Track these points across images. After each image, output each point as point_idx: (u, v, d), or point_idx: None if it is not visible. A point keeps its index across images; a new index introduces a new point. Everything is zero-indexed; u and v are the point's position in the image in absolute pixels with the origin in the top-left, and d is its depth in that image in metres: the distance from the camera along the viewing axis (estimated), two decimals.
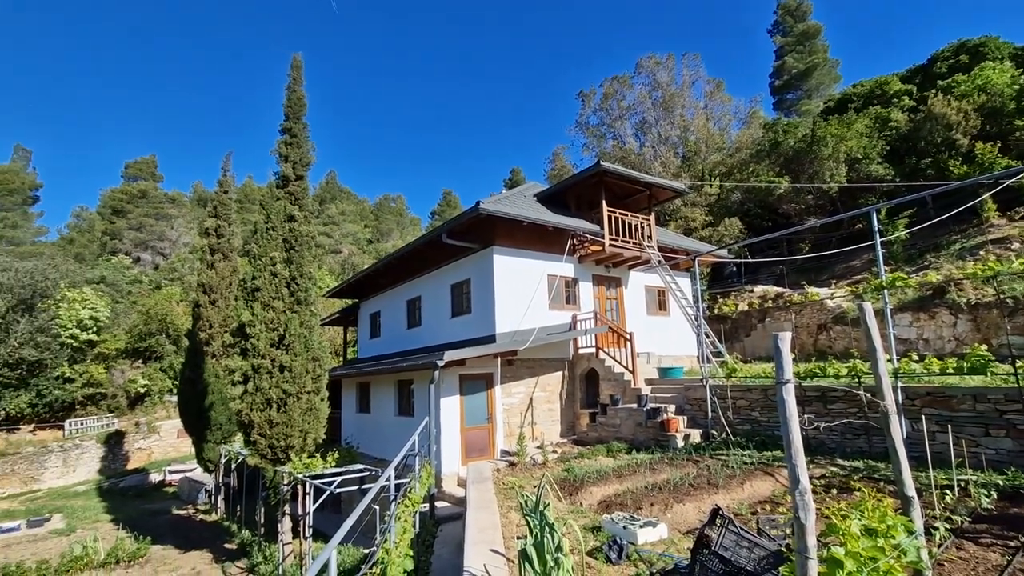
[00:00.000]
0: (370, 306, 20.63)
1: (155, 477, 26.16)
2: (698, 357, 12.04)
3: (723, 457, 8.75)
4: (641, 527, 5.75)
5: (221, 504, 18.20)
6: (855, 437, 8.48)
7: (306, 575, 3.08)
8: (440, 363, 10.21)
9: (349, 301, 23.45)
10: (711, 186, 28.70)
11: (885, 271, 8.35)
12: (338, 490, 10.70)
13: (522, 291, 13.43)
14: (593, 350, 13.64)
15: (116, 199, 56.59)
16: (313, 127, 12.20)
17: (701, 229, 27.09)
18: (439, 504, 10.54)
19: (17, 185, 54.01)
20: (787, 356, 2.73)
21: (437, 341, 14.94)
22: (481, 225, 13.05)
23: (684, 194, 22.71)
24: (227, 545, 14.12)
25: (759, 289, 21.30)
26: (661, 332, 16.36)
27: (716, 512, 3.76)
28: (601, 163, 14.28)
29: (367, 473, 11.75)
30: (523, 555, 4.13)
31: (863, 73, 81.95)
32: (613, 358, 13.10)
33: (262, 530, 13.70)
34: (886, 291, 8.15)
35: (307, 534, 10.67)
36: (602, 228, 14.35)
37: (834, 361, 8.91)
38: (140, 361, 34.47)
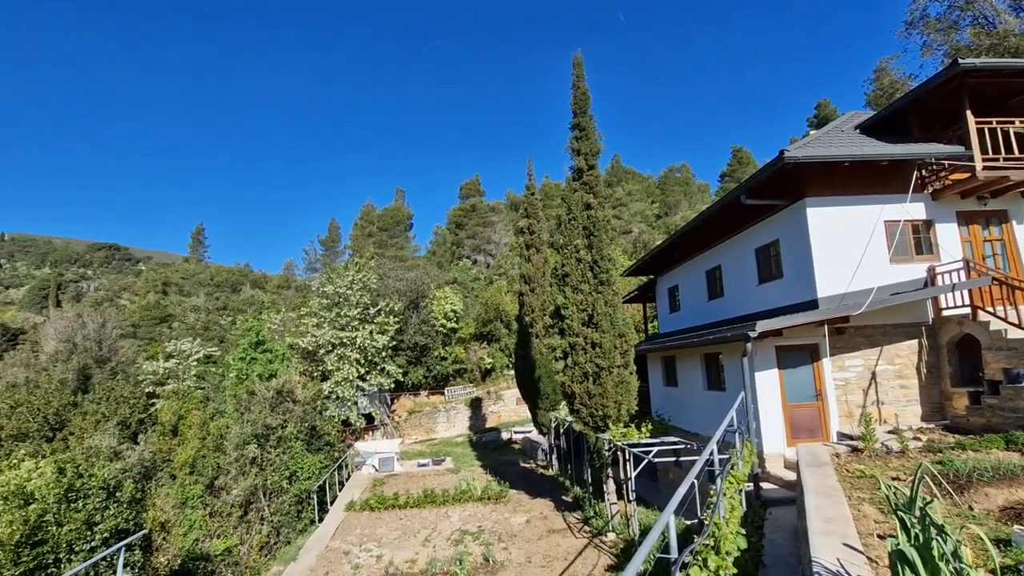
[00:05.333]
0: (667, 281, 20.53)
1: (505, 435, 32.18)
2: None
3: None
4: None
5: (555, 462, 21.14)
6: None
7: (648, 536, 3.28)
8: (752, 334, 9.40)
9: (645, 278, 23.88)
10: None
11: None
12: (655, 460, 11.10)
13: (849, 245, 11.14)
14: (966, 310, 10.29)
15: (456, 216, 71.89)
16: (596, 115, 12.83)
17: None
18: (764, 485, 9.79)
19: (400, 217, 74.30)
20: None
21: (744, 311, 13.79)
22: (787, 177, 11.37)
23: None
24: (564, 497, 16.29)
25: None
26: None
27: None
28: (959, 60, 10.48)
29: (682, 446, 11.80)
30: (899, 557, 3.47)
31: None
32: (1004, 319, 9.61)
33: (590, 488, 15.31)
34: None
35: (631, 497, 11.41)
36: (968, 148, 10.66)
37: None
38: (485, 343, 43.01)
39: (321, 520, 16.76)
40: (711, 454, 6.60)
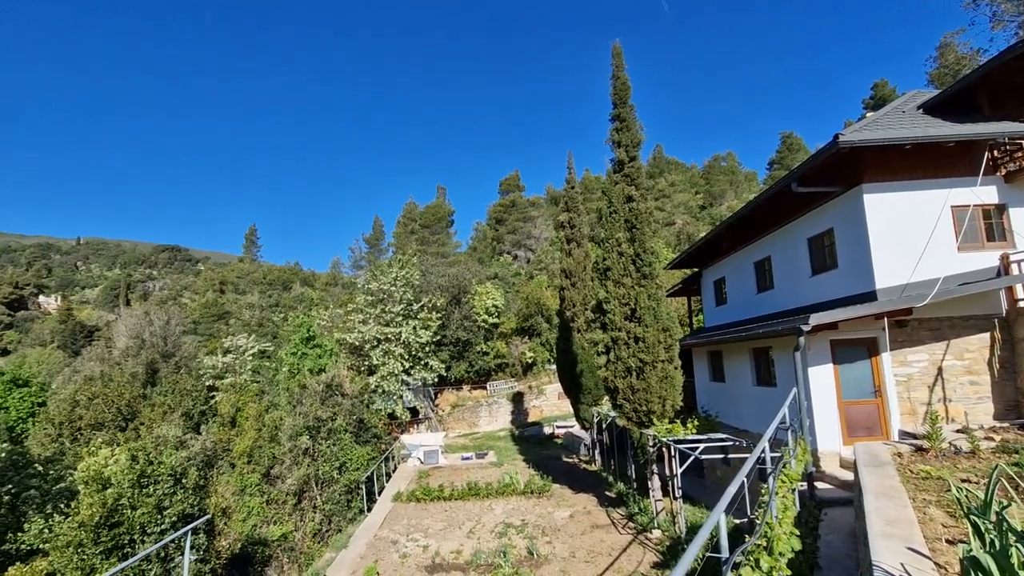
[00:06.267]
0: (712, 273, 19.95)
1: (547, 430, 32.19)
2: None
3: None
4: None
5: (598, 457, 20.99)
6: None
7: (698, 534, 3.22)
8: (805, 328, 9.02)
9: (689, 271, 23.28)
10: None
11: None
12: (702, 456, 10.86)
13: (910, 233, 10.49)
14: None
15: (496, 211, 72.18)
16: (636, 105, 12.56)
17: None
18: (819, 485, 9.42)
19: (441, 214, 75.32)
20: None
21: (795, 304, 13.24)
22: (842, 162, 10.81)
23: None
24: (607, 493, 16.18)
25: None
26: None
27: None
28: None
29: (730, 443, 11.49)
30: (973, 563, 3.28)
31: None
32: None
33: (634, 484, 15.13)
34: None
35: (676, 494, 11.22)
36: None
37: None
38: (526, 337, 43.10)
39: (370, 510, 17.30)
40: (762, 452, 6.39)
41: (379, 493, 18.73)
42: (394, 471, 21.93)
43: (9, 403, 36.52)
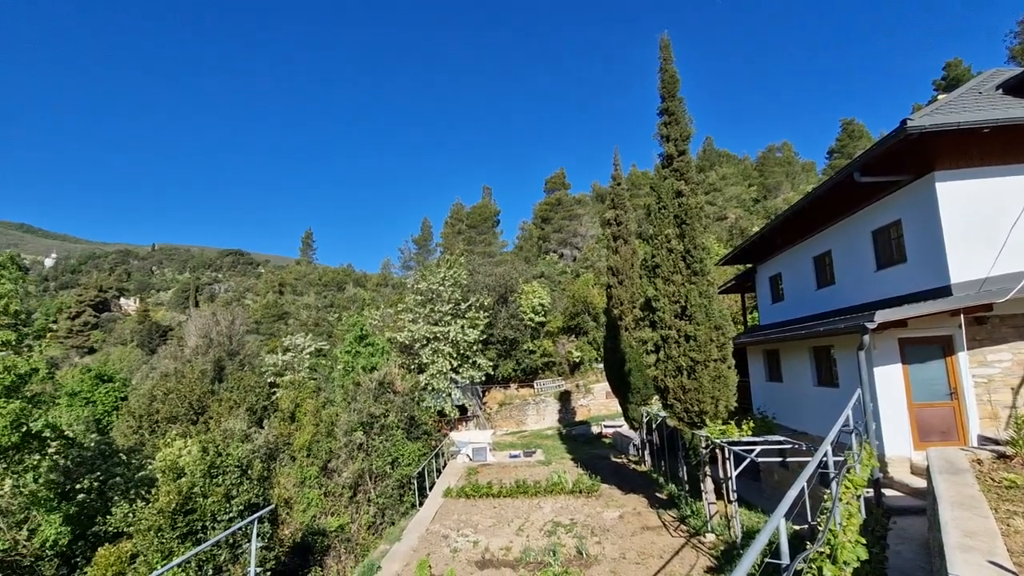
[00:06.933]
0: (767, 269, 19.16)
1: (594, 429, 31.91)
2: None
3: None
4: None
5: (647, 458, 20.60)
6: None
7: (757, 539, 3.13)
8: (871, 325, 8.54)
9: (742, 267, 22.45)
10: None
11: None
12: (758, 459, 10.47)
13: (990, 224, 9.71)
14: None
15: (542, 210, 72.11)
16: (685, 98, 12.26)
17: None
18: (887, 492, 8.90)
19: (487, 214, 75.95)
20: None
21: (858, 300, 12.53)
22: (910, 148, 10.11)
23: None
24: (658, 494, 15.87)
25: None
26: None
27: None
28: None
29: (788, 445, 11.03)
30: None
31: None
32: None
33: (686, 486, 14.77)
34: None
35: (731, 498, 10.87)
36: None
37: None
38: (573, 336, 42.82)
39: (421, 504, 17.73)
40: (824, 455, 6.11)
41: (430, 488, 19.15)
42: (444, 467, 22.36)
43: (96, 397, 39.81)
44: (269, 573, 12.44)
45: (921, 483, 8.58)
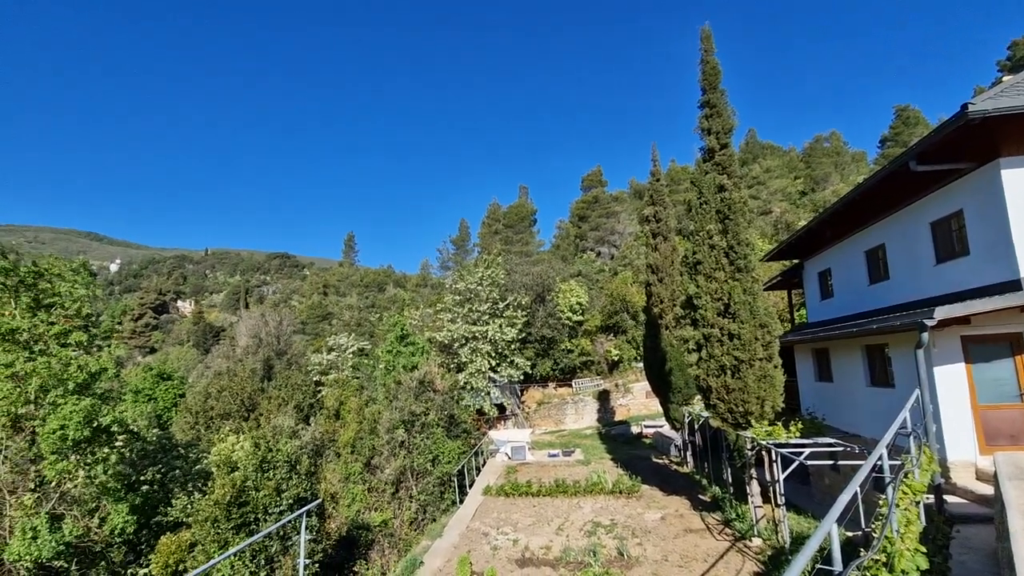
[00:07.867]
0: (816, 264, 18.39)
1: (634, 429, 31.44)
2: None
3: None
4: None
5: (690, 459, 20.16)
6: None
7: (807, 544, 3.04)
8: (930, 322, 8.10)
9: (789, 263, 21.64)
10: None
11: None
12: (807, 462, 10.09)
13: None
14: None
15: (579, 208, 71.62)
16: (727, 90, 11.93)
17: None
18: (949, 499, 8.43)
19: (524, 214, 76.04)
20: None
21: (915, 296, 11.87)
22: (972, 134, 9.51)
23: None
24: (701, 496, 15.51)
25: None
26: None
27: None
28: None
29: (839, 448, 10.59)
30: None
31: None
32: None
33: (730, 489, 14.37)
34: None
35: (779, 501, 10.53)
36: None
37: None
38: (611, 335, 42.34)
39: (461, 502, 17.95)
40: (879, 459, 5.84)
41: (470, 486, 19.36)
42: (483, 465, 22.56)
43: (157, 394, 42.32)
44: (317, 565, 12.88)
45: (988, 490, 8.07)
